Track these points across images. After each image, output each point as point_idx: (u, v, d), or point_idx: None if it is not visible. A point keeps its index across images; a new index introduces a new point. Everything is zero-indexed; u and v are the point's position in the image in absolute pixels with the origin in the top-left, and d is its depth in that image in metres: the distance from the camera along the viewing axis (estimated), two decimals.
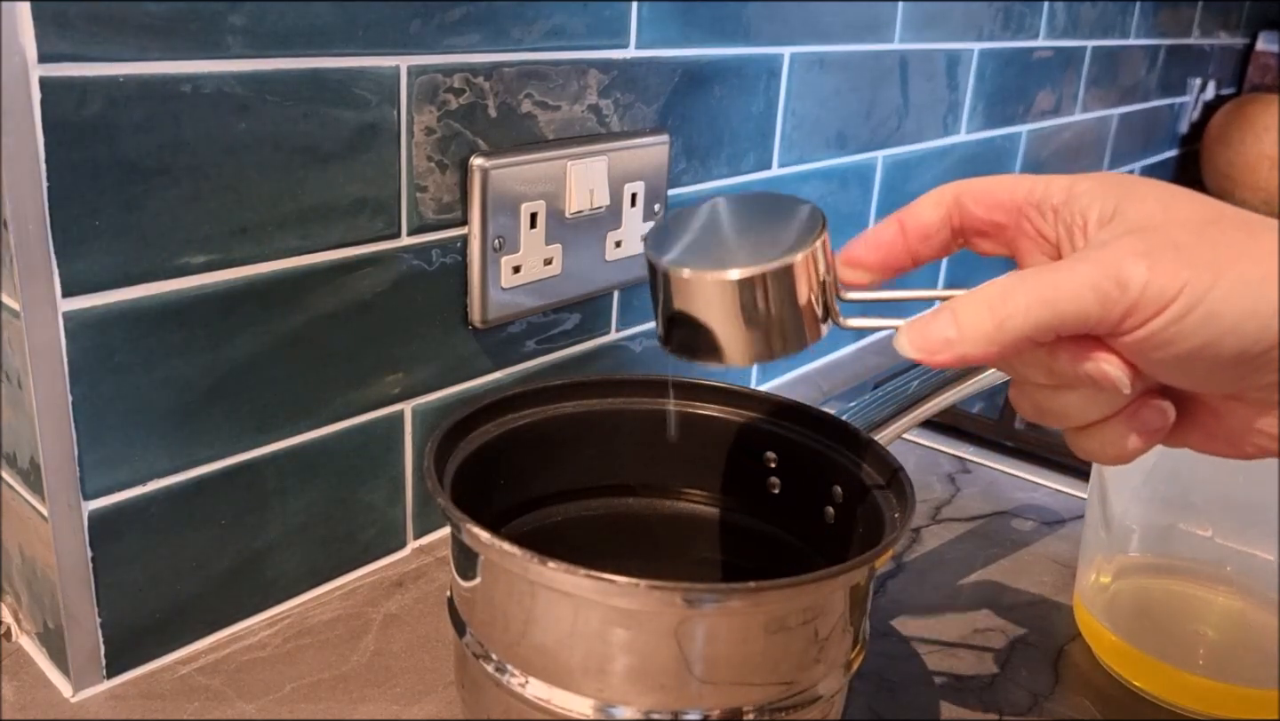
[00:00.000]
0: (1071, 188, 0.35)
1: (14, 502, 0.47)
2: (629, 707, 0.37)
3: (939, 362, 0.34)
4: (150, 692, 0.47)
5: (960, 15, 0.96)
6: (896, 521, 0.42)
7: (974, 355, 0.33)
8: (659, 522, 0.52)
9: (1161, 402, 0.34)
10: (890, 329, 0.37)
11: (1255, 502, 0.49)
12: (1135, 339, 0.32)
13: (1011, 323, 0.32)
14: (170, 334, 0.45)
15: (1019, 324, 0.32)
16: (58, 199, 0.40)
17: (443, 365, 0.58)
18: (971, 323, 0.33)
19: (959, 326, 0.33)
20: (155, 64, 0.42)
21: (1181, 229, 0.32)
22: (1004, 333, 0.33)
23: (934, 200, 0.38)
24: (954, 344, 0.34)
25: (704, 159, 0.72)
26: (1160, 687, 0.51)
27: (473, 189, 0.56)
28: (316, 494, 0.53)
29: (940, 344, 0.34)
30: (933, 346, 0.34)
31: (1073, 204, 0.35)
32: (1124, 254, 0.31)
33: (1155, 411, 0.34)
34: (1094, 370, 0.33)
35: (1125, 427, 0.35)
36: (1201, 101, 1.67)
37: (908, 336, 0.35)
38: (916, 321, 0.35)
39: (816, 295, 0.38)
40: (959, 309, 0.34)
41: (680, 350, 0.39)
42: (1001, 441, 0.77)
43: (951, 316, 0.34)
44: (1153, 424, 0.35)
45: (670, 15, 0.65)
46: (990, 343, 0.33)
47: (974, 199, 0.38)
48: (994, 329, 0.33)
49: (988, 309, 0.33)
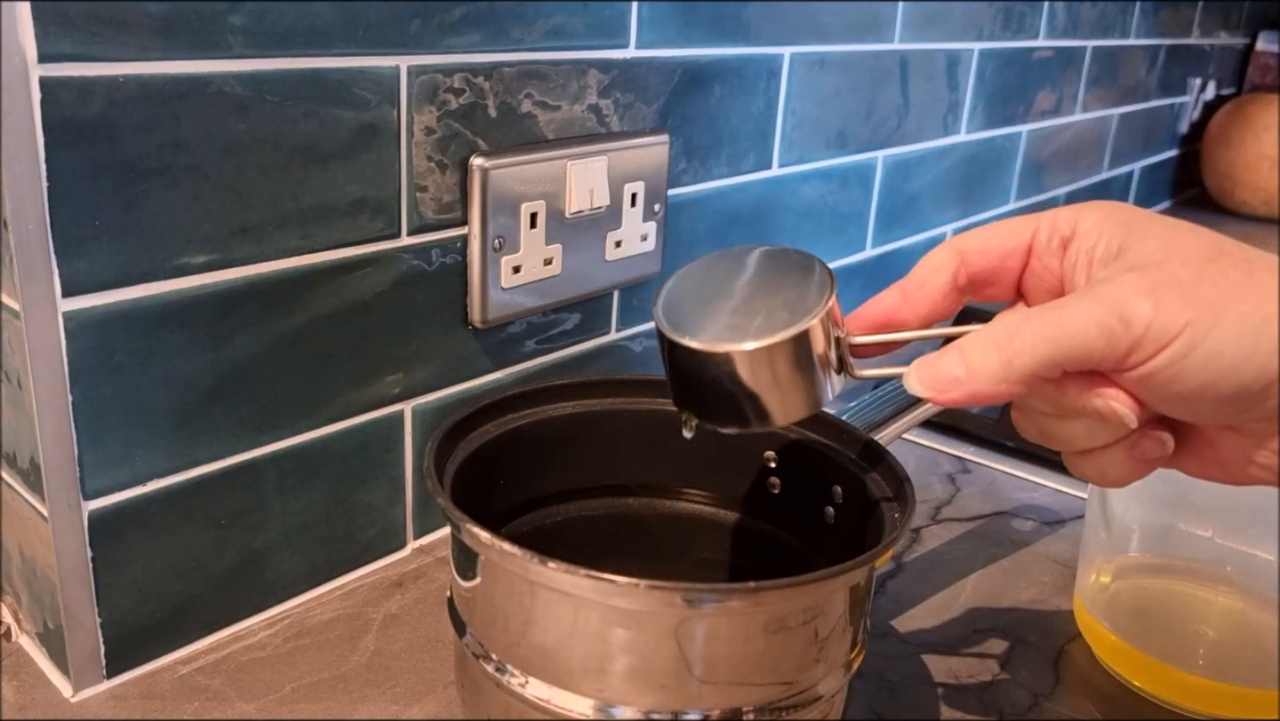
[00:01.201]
0: (1078, 221, 0.36)
1: (14, 502, 0.47)
2: (629, 707, 0.37)
3: (950, 401, 0.35)
4: (150, 692, 0.47)
5: (960, 15, 0.96)
6: (896, 521, 0.42)
7: (984, 393, 0.34)
8: (659, 522, 0.52)
9: (1161, 434, 0.35)
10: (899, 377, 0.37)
11: (1255, 503, 0.49)
12: (1138, 375, 0.32)
13: (1019, 360, 0.33)
14: (170, 334, 0.45)
15: (1026, 361, 0.33)
16: (58, 199, 0.40)
17: (443, 365, 0.58)
18: (980, 361, 0.34)
19: (967, 366, 0.34)
20: (155, 64, 0.42)
21: (1183, 266, 0.32)
22: (1012, 370, 0.33)
23: (935, 265, 0.39)
24: (963, 382, 0.34)
25: (704, 159, 0.72)
26: (1160, 687, 0.51)
27: (473, 189, 0.56)
28: (316, 494, 0.53)
29: (949, 382, 0.35)
30: (942, 385, 0.35)
31: (1079, 240, 0.36)
32: (1129, 291, 0.32)
33: (1155, 442, 0.35)
34: (1101, 405, 0.34)
35: (1125, 455, 0.36)
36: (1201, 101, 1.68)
37: (918, 376, 0.35)
38: (925, 361, 0.36)
39: (831, 353, 0.38)
40: (967, 348, 0.34)
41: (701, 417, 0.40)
42: (1001, 441, 0.77)
43: (960, 356, 0.35)
44: (1152, 454, 0.35)
45: (670, 15, 0.65)
46: (999, 381, 0.34)
47: (979, 250, 0.38)
48: (1001, 367, 0.34)
49: (995, 348, 0.34)
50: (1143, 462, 0.36)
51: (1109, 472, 0.36)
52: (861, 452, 0.47)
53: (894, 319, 0.39)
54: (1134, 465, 0.36)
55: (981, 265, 0.38)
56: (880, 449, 0.46)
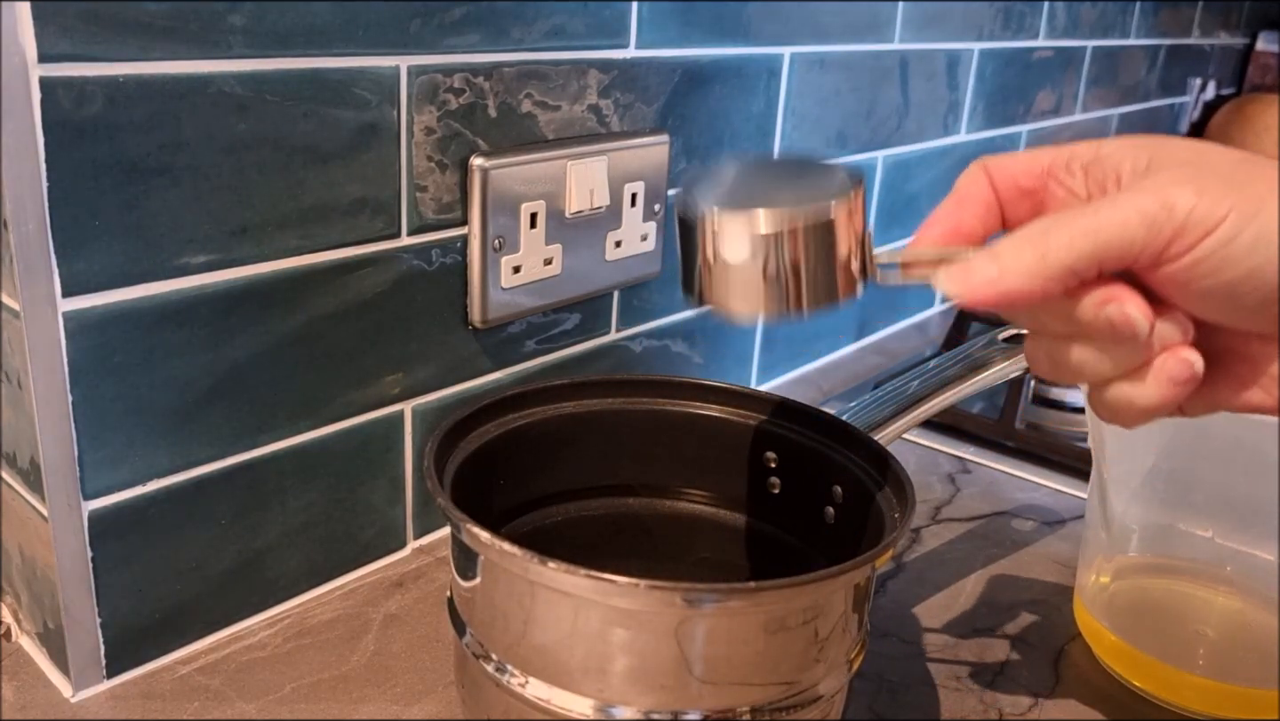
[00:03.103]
0: (1099, 148, 0.35)
1: (14, 502, 0.47)
2: (629, 707, 0.37)
3: (981, 300, 0.34)
4: (150, 692, 0.47)
5: (960, 15, 0.96)
6: (896, 521, 0.42)
7: (1017, 289, 0.33)
8: (659, 522, 0.52)
9: (1188, 352, 0.33)
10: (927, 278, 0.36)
11: (1255, 503, 0.49)
12: (1181, 266, 0.32)
13: (1054, 255, 0.32)
14: (170, 334, 0.45)
15: (1062, 256, 0.32)
16: (58, 199, 0.40)
17: (443, 365, 0.58)
18: (1014, 257, 0.33)
19: (1001, 264, 0.33)
20: (155, 64, 0.42)
21: (1217, 165, 0.32)
22: (1047, 265, 0.32)
23: (971, 178, 0.38)
24: (996, 281, 0.33)
25: (704, 159, 0.72)
26: (1160, 687, 0.51)
27: (473, 189, 0.56)
28: (316, 494, 0.53)
29: (983, 282, 0.33)
30: (975, 284, 0.34)
31: (1103, 161, 0.35)
32: (1169, 182, 0.32)
33: (1181, 362, 0.33)
34: (1114, 312, 0.33)
35: (1152, 379, 0.34)
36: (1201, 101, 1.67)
37: (947, 275, 0.34)
38: (956, 266, 0.34)
39: (855, 248, 0.37)
40: (1000, 249, 0.33)
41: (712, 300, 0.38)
42: (1001, 441, 0.77)
43: (992, 256, 0.33)
44: (1180, 375, 0.34)
45: (670, 15, 0.65)
46: (1033, 276, 0.32)
47: (998, 169, 0.38)
48: (1036, 262, 0.32)
49: (1029, 244, 0.33)
50: (1171, 386, 0.34)
51: (1136, 400, 0.34)
52: (861, 453, 0.47)
53: (959, 228, 0.38)
54: (1161, 389, 0.34)
55: (1001, 180, 0.38)
56: (880, 449, 0.46)
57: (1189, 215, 0.31)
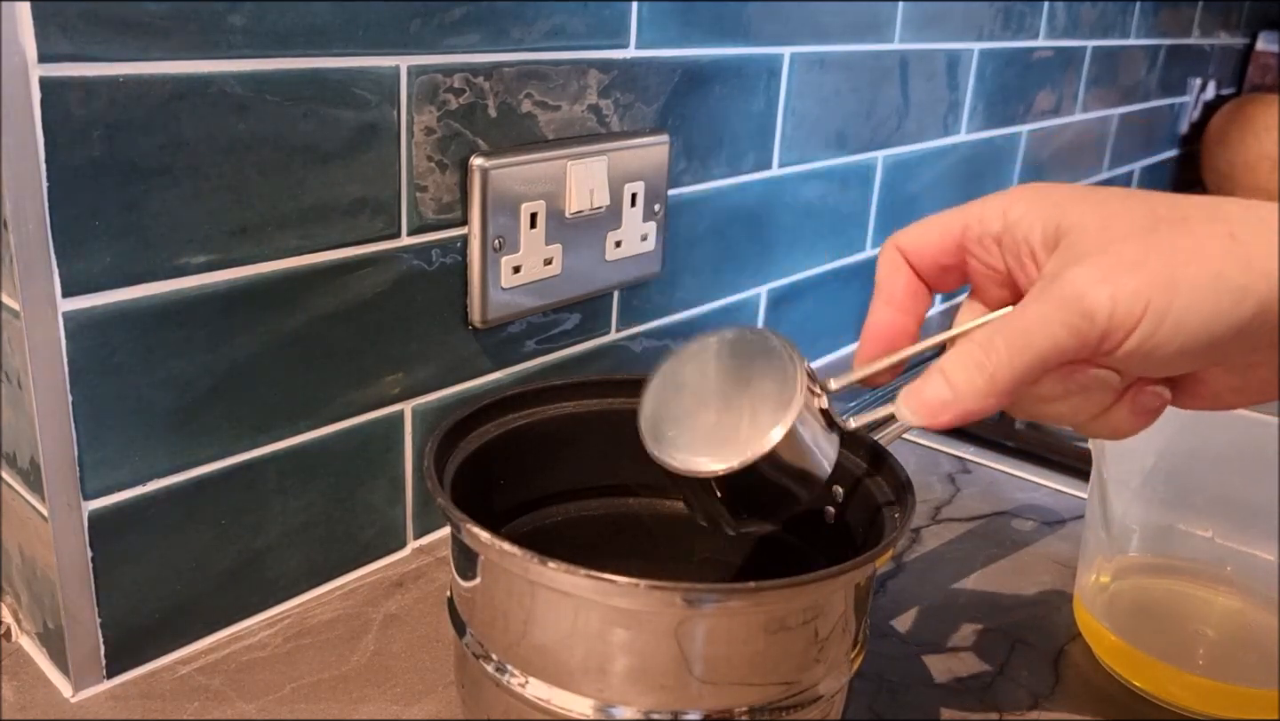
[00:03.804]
0: (1006, 214, 0.37)
1: (14, 502, 0.47)
2: (629, 707, 0.37)
3: (944, 424, 0.36)
4: (150, 692, 0.47)
5: (960, 15, 0.96)
6: (896, 521, 0.42)
7: (974, 411, 0.35)
8: (659, 522, 0.52)
9: (1157, 387, 0.36)
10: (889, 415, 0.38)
11: (1255, 502, 0.49)
12: (1117, 357, 0.34)
13: (1001, 374, 0.34)
14: (170, 334, 0.45)
15: (1007, 375, 0.34)
16: (58, 199, 0.40)
17: (443, 365, 0.58)
18: (964, 382, 0.35)
19: (953, 388, 0.35)
20: (155, 64, 0.42)
21: (1126, 245, 0.33)
22: (997, 384, 0.34)
23: (891, 268, 0.40)
24: (951, 405, 0.35)
25: (704, 159, 0.72)
26: (1160, 687, 0.51)
27: (473, 189, 0.56)
28: (316, 494, 0.53)
29: (939, 406, 0.36)
30: (933, 410, 0.36)
31: (1012, 231, 0.37)
32: (1082, 287, 0.33)
33: (1153, 396, 0.36)
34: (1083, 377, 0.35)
35: (1127, 412, 0.36)
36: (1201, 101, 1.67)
37: (908, 406, 0.36)
38: (911, 390, 0.36)
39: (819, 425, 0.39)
40: (949, 370, 0.35)
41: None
42: (1001, 441, 0.77)
43: (943, 379, 0.36)
44: (1152, 405, 0.37)
45: (670, 15, 0.65)
46: (985, 396, 0.35)
47: (913, 251, 0.39)
48: (986, 384, 0.35)
49: (975, 367, 0.35)
50: (1145, 414, 0.37)
51: (1120, 428, 0.37)
52: (861, 453, 0.47)
53: (896, 331, 0.40)
54: (1137, 419, 0.37)
55: (920, 263, 0.40)
56: (880, 449, 0.46)
57: (1109, 320, 0.33)
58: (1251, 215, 0.33)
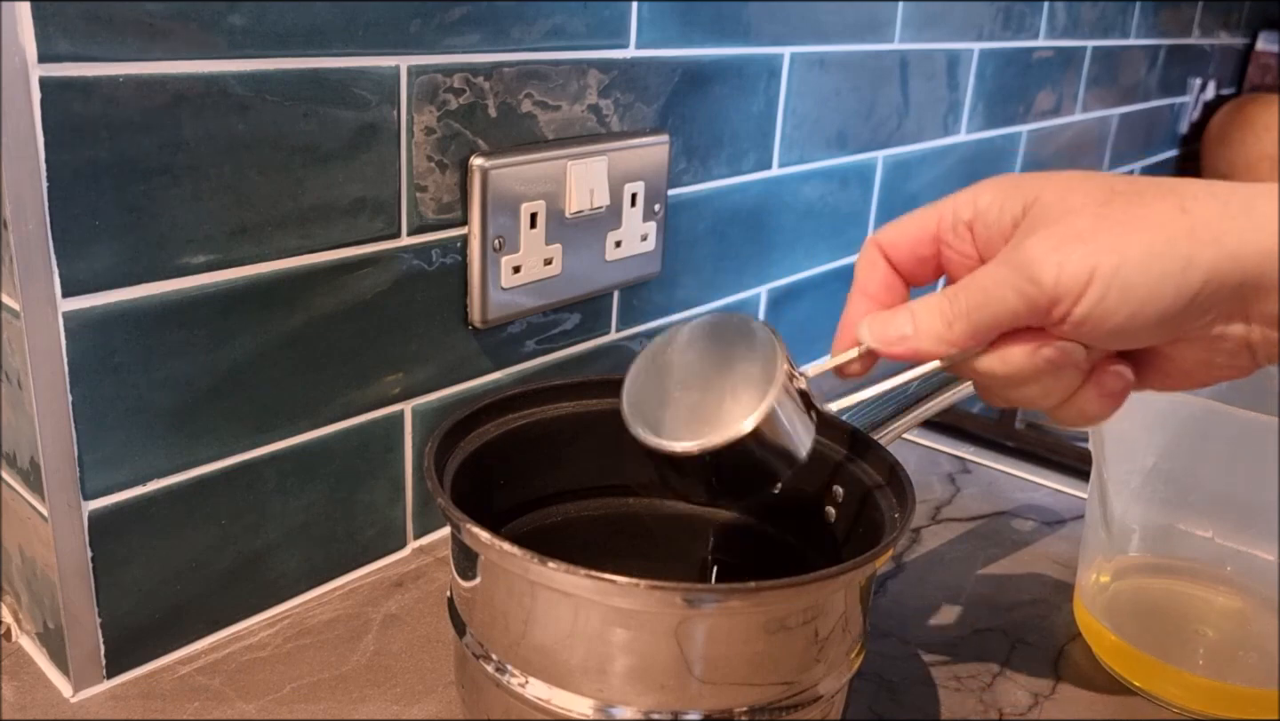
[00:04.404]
0: (976, 201, 0.38)
1: (14, 502, 0.47)
2: (629, 707, 0.37)
3: (894, 354, 0.38)
4: (150, 692, 0.47)
5: (960, 15, 0.96)
6: (896, 521, 0.42)
7: (926, 351, 0.37)
8: (659, 522, 0.52)
9: (1118, 367, 0.37)
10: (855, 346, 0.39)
11: (1255, 502, 0.49)
12: (1069, 325, 0.35)
13: (958, 325, 0.36)
14: (170, 334, 0.45)
15: (963, 327, 0.36)
16: (58, 199, 0.40)
17: (443, 365, 0.58)
18: (925, 323, 0.37)
19: (915, 325, 0.37)
20: (155, 64, 0.42)
21: (1079, 216, 0.34)
22: (952, 333, 0.36)
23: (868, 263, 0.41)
24: (908, 340, 0.37)
25: (704, 159, 0.72)
26: (1160, 687, 0.51)
27: (473, 189, 0.56)
28: (316, 494, 0.53)
29: (897, 338, 0.38)
30: (891, 339, 0.38)
31: (983, 217, 0.38)
32: (1033, 254, 0.34)
33: (1115, 376, 0.37)
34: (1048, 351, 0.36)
35: (1093, 394, 0.37)
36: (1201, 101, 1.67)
37: (870, 328, 0.39)
38: (878, 317, 0.39)
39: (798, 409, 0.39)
40: (918, 309, 0.37)
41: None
42: (1001, 441, 0.77)
43: (910, 316, 0.38)
44: (1115, 387, 0.37)
45: (670, 15, 0.65)
46: (939, 341, 0.37)
47: (891, 247, 0.41)
48: (944, 329, 0.37)
49: (939, 313, 0.37)
50: (1111, 397, 0.37)
51: (1089, 412, 0.38)
52: (861, 452, 0.47)
53: None
54: (1104, 401, 0.37)
55: (898, 256, 0.41)
56: (880, 449, 0.46)
57: (1055, 285, 0.34)
58: (1204, 190, 0.34)
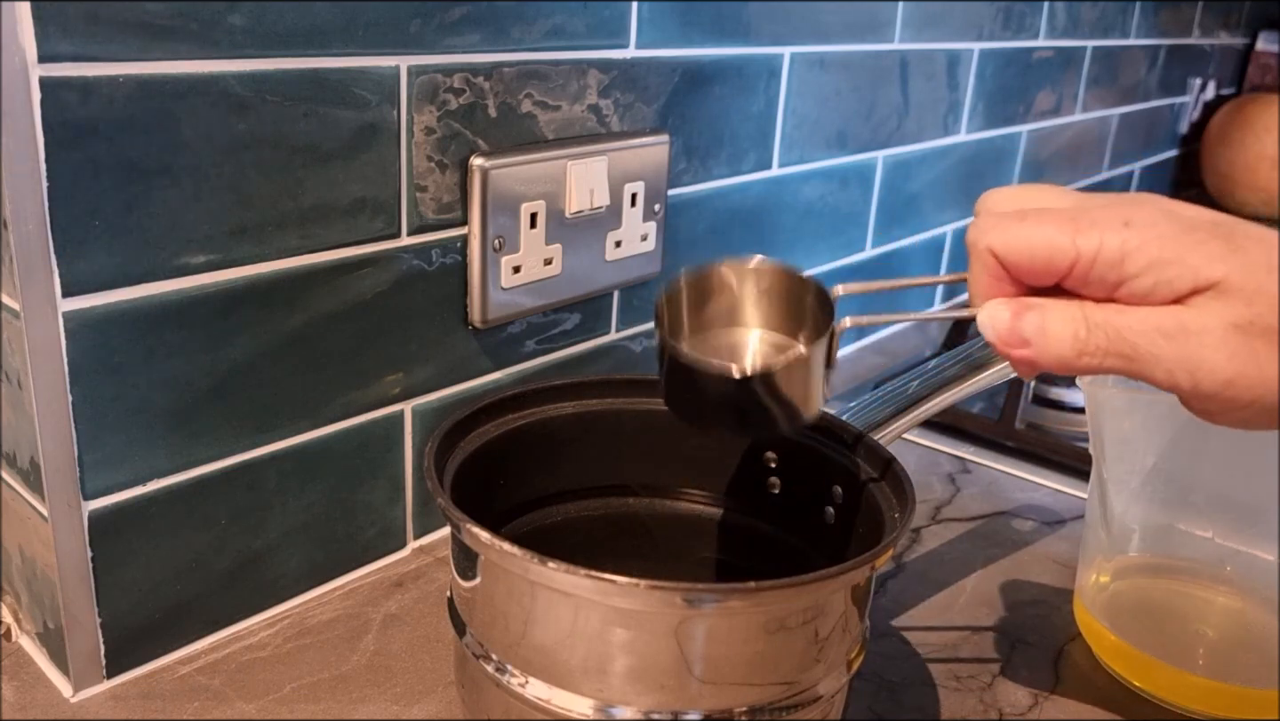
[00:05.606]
0: (1123, 246, 0.33)
1: (14, 502, 0.47)
2: (629, 707, 0.37)
3: (1010, 356, 0.35)
4: (150, 692, 0.47)
5: (960, 15, 0.96)
6: (896, 521, 0.42)
7: (1043, 367, 0.34)
8: (659, 522, 0.52)
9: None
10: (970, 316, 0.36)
11: (1255, 502, 0.49)
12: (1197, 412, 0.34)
13: (1084, 361, 0.33)
14: (170, 334, 0.45)
15: (1091, 363, 0.33)
16: (58, 199, 0.40)
17: (443, 365, 0.58)
18: (1055, 341, 0.34)
19: (1044, 336, 0.34)
20: (155, 64, 0.42)
21: (1270, 309, 0.31)
22: (1078, 364, 0.33)
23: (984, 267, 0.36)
24: (1031, 346, 0.34)
25: (704, 159, 0.72)
26: (1160, 687, 0.51)
27: (473, 189, 0.56)
28: (316, 494, 0.53)
29: (1020, 340, 0.34)
30: (1014, 340, 0.34)
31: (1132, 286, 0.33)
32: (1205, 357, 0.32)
33: None
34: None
35: None
36: (1201, 101, 1.67)
37: (992, 319, 0.35)
38: (1002, 305, 0.35)
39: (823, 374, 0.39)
40: (1051, 318, 0.34)
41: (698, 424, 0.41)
42: (1001, 441, 0.77)
43: (1041, 322, 0.34)
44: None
45: (670, 15, 0.65)
46: (1058, 365, 0.34)
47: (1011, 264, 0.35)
48: (1069, 357, 0.33)
49: (1072, 336, 0.33)
50: None
51: None
52: (861, 453, 0.47)
53: None
54: None
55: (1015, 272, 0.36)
56: (881, 449, 0.46)
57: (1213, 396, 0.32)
58: None
